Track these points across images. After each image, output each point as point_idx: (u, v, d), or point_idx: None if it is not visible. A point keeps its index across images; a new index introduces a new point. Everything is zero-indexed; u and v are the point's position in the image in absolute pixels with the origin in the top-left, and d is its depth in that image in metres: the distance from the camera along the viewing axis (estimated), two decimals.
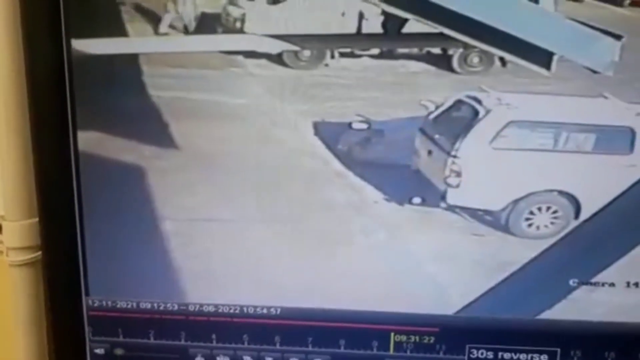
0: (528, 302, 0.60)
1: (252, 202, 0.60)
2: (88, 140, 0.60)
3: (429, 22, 0.54)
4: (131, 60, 0.57)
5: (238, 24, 0.56)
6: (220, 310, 0.62)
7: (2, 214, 0.68)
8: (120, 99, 0.58)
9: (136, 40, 0.57)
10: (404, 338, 0.61)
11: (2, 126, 0.64)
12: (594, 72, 0.54)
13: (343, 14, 0.55)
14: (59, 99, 0.60)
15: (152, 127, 0.58)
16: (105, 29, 0.57)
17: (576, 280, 0.59)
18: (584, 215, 0.58)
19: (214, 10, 0.56)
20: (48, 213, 0.64)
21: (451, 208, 0.58)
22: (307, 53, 0.57)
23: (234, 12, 0.56)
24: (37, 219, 0.69)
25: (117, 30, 0.57)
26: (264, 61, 0.56)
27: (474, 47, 0.55)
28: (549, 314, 0.60)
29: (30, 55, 0.60)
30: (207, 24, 0.56)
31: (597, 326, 0.59)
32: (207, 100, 0.58)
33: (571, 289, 0.59)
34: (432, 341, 0.61)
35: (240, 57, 0.56)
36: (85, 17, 0.57)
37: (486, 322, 0.60)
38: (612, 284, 0.59)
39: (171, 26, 0.56)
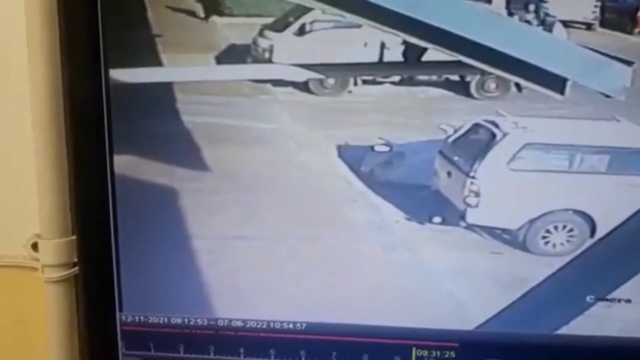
0: (545, 318, 0.61)
1: (279, 221, 0.62)
2: (124, 163, 0.63)
3: (448, 51, 0.57)
4: (166, 88, 0.61)
5: (267, 54, 0.59)
6: (248, 325, 0.65)
7: (38, 232, 0.72)
8: (155, 124, 0.62)
9: (171, 70, 0.60)
10: (425, 353, 0.63)
11: (39, 148, 0.67)
12: (607, 96, 0.57)
13: (365, 44, 0.58)
14: (97, 124, 0.63)
15: (185, 151, 0.62)
16: (141, 60, 0.61)
17: (592, 296, 0.61)
18: (600, 233, 0.60)
19: (243, 41, 0.59)
20: (85, 232, 0.67)
21: (470, 227, 0.60)
22: (331, 81, 0.60)
23: (263, 43, 0.59)
24: (71, 237, 0.71)
25: (153, 60, 0.60)
26: (291, 89, 0.59)
27: (491, 73, 0.57)
28: (566, 330, 0.61)
29: (70, 83, 0.63)
30: (238, 54, 0.59)
31: (613, 341, 0.61)
32: (237, 125, 0.61)
33: (588, 305, 0.61)
34: (452, 356, 0.63)
35: (268, 85, 0.60)
36: (123, 48, 0.61)
37: (505, 338, 0.62)
38: (628, 300, 0.60)
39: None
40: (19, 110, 0.68)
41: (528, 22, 0.56)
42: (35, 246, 0.71)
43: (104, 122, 0.63)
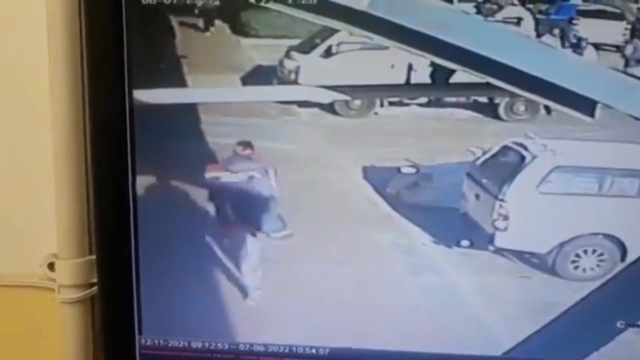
0: (575, 344, 0.60)
1: (302, 243, 0.61)
2: (146, 184, 0.62)
3: (476, 73, 0.56)
4: (190, 109, 0.60)
5: (292, 76, 0.59)
6: (269, 350, 0.64)
7: (55, 252, 0.71)
8: (179, 145, 0.61)
9: (195, 91, 0.60)
10: None
11: (58, 166, 0.67)
12: (637, 119, 0.56)
13: (392, 66, 0.58)
14: (119, 144, 0.62)
15: (208, 172, 0.61)
16: (166, 80, 0.60)
17: (623, 322, 0.60)
18: (631, 257, 0.59)
19: (270, 62, 0.59)
20: (105, 252, 0.66)
21: (499, 251, 0.59)
22: (357, 102, 0.59)
23: (289, 64, 0.59)
24: (89, 258, 0.71)
25: (178, 81, 0.60)
26: (316, 110, 0.59)
27: (520, 96, 0.57)
28: (596, 357, 0.60)
29: (93, 103, 0.63)
30: (264, 75, 0.59)
31: None
32: (262, 146, 0.60)
33: (618, 331, 0.60)
34: None
35: (294, 107, 0.59)
36: (148, 69, 0.60)
37: None
38: None
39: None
40: (38, 126, 0.67)
41: (557, 44, 0.56)
42: (51, 266, 0.71)
43: (127, 142, 0.62)
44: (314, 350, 0.63)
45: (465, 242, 0.59)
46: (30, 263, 0.71)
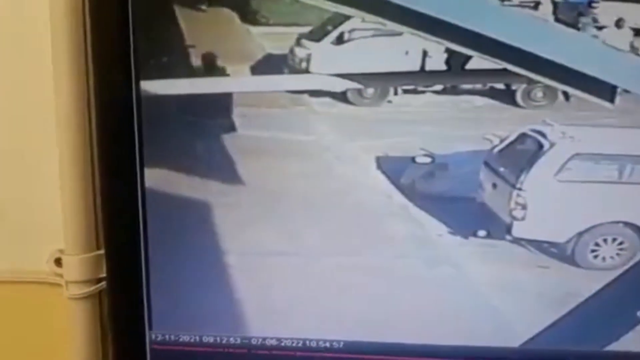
0: (594, 334, 0.59)
1: (315, 236, 0.60)
2: (155, 177, 0.61)
3: (493, 59, 0.55)
4: (199, 100, 0.59)
5: (304, 64, 0.57)
6: (282, 344, 0.63)
7: (62, 247, 0.70)
8: (188, 137, 0.60)
9: (204, 81, 0.58)
10: None
11: (64, 160, 0.66)
12: None
13: (407, 53, 0.56)
14: (127, 136, 0.61)
15: (218, 164, 0.60)
16: (173, 71, 0.59)
17: None
18: None
19: (280, 51, 0.57)
20: (114, 246, 0.65)
21: (516, 240, 0.58)
22: (370, 91, 0.58)
23: (300, 52, 0.57)
24: (96, 253, 0.69)
25: (186, 71, 0.58)
26: (328, 99, 0.58)
27: (538, 81, 0.55)
28: (616, 346, 0.59)
29: (99, 94, 0.62)
30: (274, 64, 0.57)
31: None
32: (273, 137, 0.59)
33: (638, 321, 0.59)
34: None
35: (305, 96, 0.58)
36: (155, 59, 0.59)
37: (552, 355, 0.60)
38: None
39: None
40: (44, 120, 0.66)
41: (576, 28, 0.54)
42: (58, 262, 0.70)
43: (134, 134, 0.61)
44: (327, 344, 0.62)
45: (482, 233, 0.58)
46: (37, 259, 0.70)
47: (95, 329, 0.72)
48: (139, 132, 0.61)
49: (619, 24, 0.53)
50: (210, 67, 0.58)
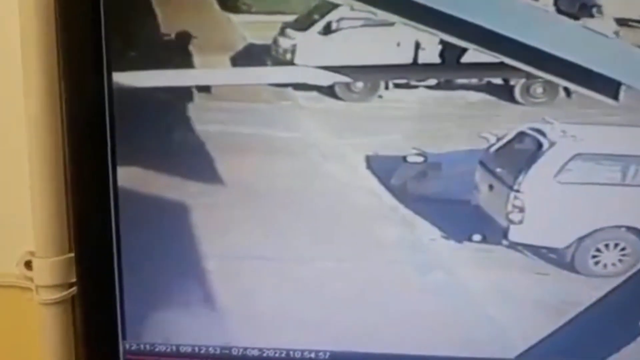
0: (594, 345, 0.57)
1: (300, 239, 0.58)
2: (128, 175, 0.58)
3: (490, 52, 0.52)
4: (175, 93, 0.55)
5: (288, 56, 0.54)
6: (265, 355, 0.60)
7: (33, 250, 0.67)
8: (163, 133, 0.57)
9: (181, 73, 0.55)
10: None
11: (34, 159, 0.63)
12: None
13: (398, 44, 0.53)
14: (98, 133, 0.58)
15: (196, 162, 0.57)
16: (148, 62, 0.55)
17: None
18: None
19: (263, 41, 0.54)
20: (84, 249, 0.62)
21: (513, 245, 0.55)
22: (360, 85, 0.55)
23: (284, 43, 0.54)
24: (68, 256, 0.67)
25: (162, 62, 0.55)
26: (314, 94, 0.55)
27: (538, 77, 0.52)
28: (617, 358, 0.56)
29: (68, 87, 0.58)
30: (257, 55, 0.54)
31: None
32: (255, 134, 0.56)
33: None
34: None
35: (290, 90, 0.55)
36: (128, 49, 0.55)
37: None
38: None
39: None
40: (12, 116, 0.62)
41: (579, 19, 0.51)
42: (29, 264, 0.67)
43: (106, 131, 0.57)
44: (313, 355, 0.59)
45: (477, 237, 0.55)
46: (6, 261, 0.66)
47: (67, 337, 0.69)
48: (111, 128, 0.57)
49: (603, 18, 0.51)
50: (188, 58, 0.55)
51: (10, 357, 0.72)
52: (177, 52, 0.55)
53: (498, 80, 0.54)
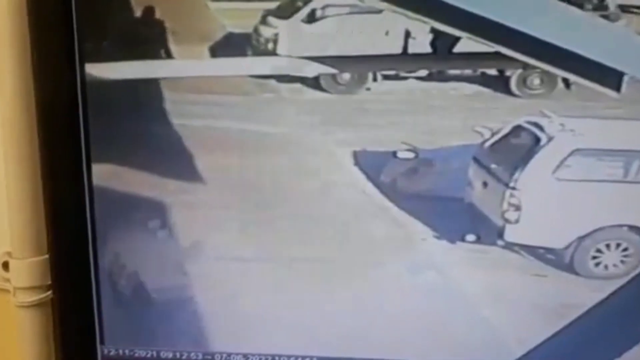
0: (594, 349, 0.54)
1: (285, 239, 0.55)
2: (104, 173, 0.55)
3: (484, 41, 0.49)
4: (152, 86, 0.53)
5: (270, 45, 0.51)
6: None
7: (9, 250, 0.65)
8: (140, 128, 0.54)
9: (157, 64, 0.52)
10: None
11: (9, 158, 0.60)
12: None
13: (387, 33, 0.51)
14: (72, 129, 0.55)
15: (175, 159, 0.54)
16: (123, 52, 0.53)
17: None
18: None
19: (243, 30, 0.51)
20: (60, 251, 0.59)
21: (509, 246, 0.53)
22: (346, 76, 0.52)
23: (266, 32, 0.51)
24: (45, 257, 0.64)
25: (137, 53, 0.52)
26: (298, 85, 0.52)
27: (535, 67, 0.50)
28: None
29: (40, 81, 0.55)
30: (236, 45, 0.51)
31: None
32: (236, 128, 0.53)
33: None
34: None
35: (272, 82, 0.52)
36: (101, 39, 0.53)
37: None
38: None
39: None
40: None
41: (579, 6, 0.48)
42: (6, 265, 0.64)
43: (80, 126, 0.55)
44: None
45: (471, 237, 0.53)
46: None
47: (46, 340, 0.66)
48: (85, 124, 0.55)
49: (604, 5, 0.48)
50: (164, 48, 0.52)
51: None
52: (153, 42, 0.52)
53: (493, 71, 0.51)
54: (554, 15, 0.49)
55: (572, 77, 0.50)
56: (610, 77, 0.49)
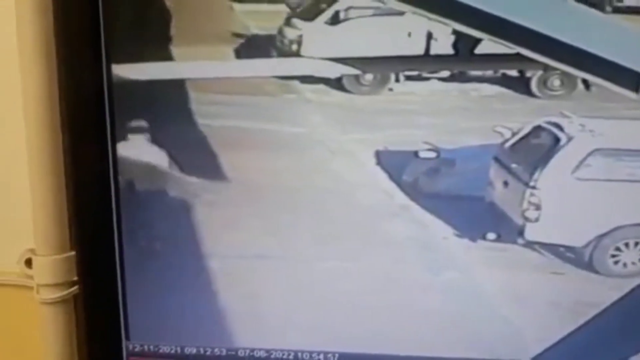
0: (613, 348, 0.55)
1: (307, 238, 0.56)
2: (129, 171, 0.56)
3: (505, 42, 0.50)
4: (177, 87, 0.54)
5: (294, 47, 0.52)
6: (272, 356, 0.58)
7: (33, 247, 0.66)
8: (165, 128, 0.55)
9: (183, 65, 0.53)
10: None
11: (33, 153, 0.61)
12: None
13: (409, 35, 0.51)
14: (98, 127, 0.56)
15: (199, 158, 0.55)
16: (149, 53, 0.54)
17: None
18: None
19: (268, 32, 0.52)
20: (85, 247, 0.60)
21: (529, 244, 0.53)
22: (369, 77, 0.53)
23: (290, 33, 0.52)
24: (69, 254, 0.65)
25: (163, 54, 0.53)
26: (322, 86, 0.53)
27: (555, 68, 0.50)
28: None
29: (67, 81, 0.56)
30: (261, 46, 0.52)
31: None
32: (260, 129, 0.54)
33: None
34: None
35: (296, 83, 0.53)
36: (128, 41, 0.54)
37: None
38: None
39: None
40: (11, 113, 0.60)
41: (598, 8, 0.49)
42: (29, 262, 0.65)
43: (106, 125, 0.56)
44: (321, 356, 0.58)
45: (491, 235, 0.53)
46: (6, 259, 0.65)
47: (69, 337, 0.67)
48: (112, 123, 0.56)
49: (624, 6, 0.49)
50: (189, 50, 0.53)
51: (10, 357, 0.71)
52: (178, 44, 0.53)
53: (514, 72, 0.52)
54: (574, 17, 0.50)
55: (591, 79, 0.50)
56: (628, 79, 0.50)
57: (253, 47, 0.53)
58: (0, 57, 0.61)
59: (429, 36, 0.51)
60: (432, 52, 0.52)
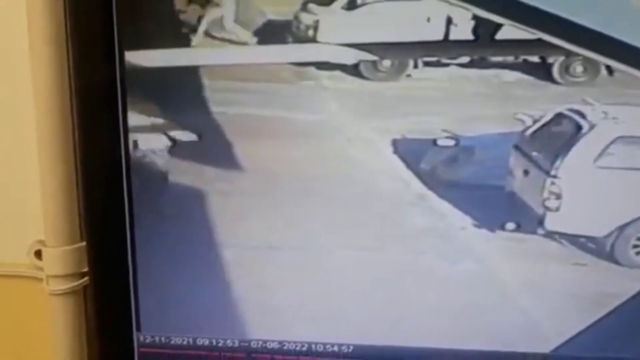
0: (634, 340, 0.54)
1: (322, 228, 0.55)
2: (141, 160, 0.55)
3: (527, 28, 0.49)
4: (191, 73, 0.53)
5: (310, 32, 0.51)
6: (285, 348, 0.58)
7: (42, 238, 0.65)
8: (179, 116, 0.54)
9: (197, 51, 0.52)
10: None
11: (44, 144, 0.61)
12: None
13: (428, 20, 0.50)
14: (110, 116, 0.55)
15: (213, 147, 0.54)
16: (162, 40, 0.53)
17: None
18: None
19: (283, 17, 0.51)
20: (96, 238, 0.60)
21: (550, 234, 0.52)
22: (387, 63, 0.52)
23: (306, 19, 0.51)
24: (79, 245, 0.65)
25: (176, 40, 0.52)
26: (338, 73, 0.52)
27: (578, 54, 0.49)
28: None
29: (78, 68, 0.56)
30: (276, 32, 0.51)
31: None
32: (275, 116, 0.53)
33: None
34: None
35: (312, 69, 0.52)
36: (141, 26, 0.53)
37: None
38: None
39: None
40: (20, 100, 0.60)
41: None
42: (38, 254, 0.65)
43: (118, 113, 0.55)
44: (335, 348, 0.57)
45: (511, 225, 0.52)
46: (16, 250, 0.64)
47: (79, 328, 0.67)
48: (124, 111, 0.55)
49: None
50: (203, 36, 0.52)
51: (20, 348, 0.70)
52: (192, 30, 0.52)
53: (535, 59, 0.51)
54: (597, 1, 0.49)
55: (615, 65, 0.49)
56: None
57: (268, 32, 0.51)
58: (10, 45, 0.61)
59: (449, 21, 0.50)
60: (452, 37, 0.51)
